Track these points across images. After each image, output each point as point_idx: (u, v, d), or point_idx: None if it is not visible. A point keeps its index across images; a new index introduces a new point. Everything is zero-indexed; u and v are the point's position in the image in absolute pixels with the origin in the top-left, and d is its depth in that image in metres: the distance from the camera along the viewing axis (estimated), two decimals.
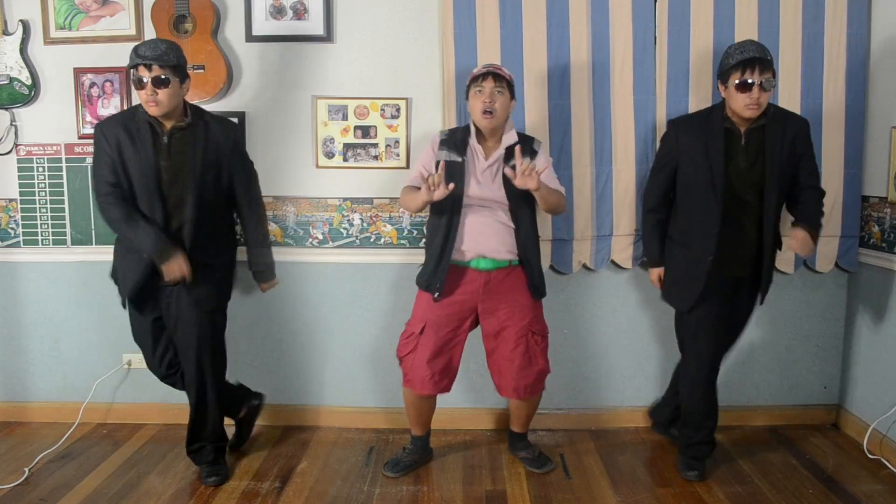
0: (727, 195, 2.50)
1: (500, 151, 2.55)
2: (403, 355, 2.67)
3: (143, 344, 2.71)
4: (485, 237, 2.54)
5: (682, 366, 2.79)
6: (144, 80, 2.38)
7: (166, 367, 2.71)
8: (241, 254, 2.77)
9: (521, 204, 2.55)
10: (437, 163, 2.52)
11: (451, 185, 2.39)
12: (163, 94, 2.40)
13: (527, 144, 2.59)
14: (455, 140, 2.58)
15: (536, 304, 2.66)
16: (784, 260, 2.97)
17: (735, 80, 2.41)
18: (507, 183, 2.50)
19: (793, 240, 2.47)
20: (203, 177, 2.51)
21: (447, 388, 2.69)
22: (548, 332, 2.69)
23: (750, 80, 2.38)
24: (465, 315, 2.62)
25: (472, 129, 2.57)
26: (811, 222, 2.51)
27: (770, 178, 2.49)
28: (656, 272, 2.80)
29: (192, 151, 2.50)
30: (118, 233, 2.56)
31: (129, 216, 2.47)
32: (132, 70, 2.41)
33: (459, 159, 2.54)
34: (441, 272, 2.55)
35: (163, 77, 2.38)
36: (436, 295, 2.56)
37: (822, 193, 2.62)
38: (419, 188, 2.46)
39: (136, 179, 2.48)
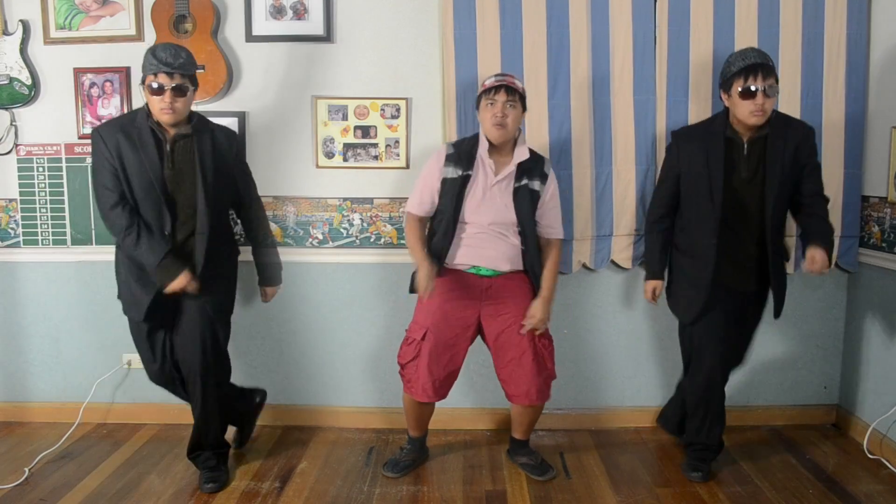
0: (728, 205, 2.47)
1: (511, 168, 2.54)
2: (406, 362, 2.62)
3: (144, 351, 2.65)
4: (483, 248, 2.54)
5: (687, 378, 2.75)
6: (164, 87, 2.34)
7: (167, 374, 2.66)
8: (243, 255, 2.78)
9: (529, 223, 2.56)
10: (433, 213, 2.57)
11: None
12: (181, 102, 2.38)
13: (538, 165, 2.58)
14: (461, 153, 2.56)
15: None
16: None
17: (738, 87, 2.39)
18: (518, 202, 2.52)
19: (810, 263, 2.40)
20: (214, 186, 2.48)
21: (445, 395, 2.67)
22: (552, 337, 2.68)
23: (753, 87, 2.36)
24: (468, 321, 2.59)
25: (483, 139, 2.55)
26: (824, 239, 2.43)
27: (771, 188, 2.44)
28: (652, 285, 2.74)
29: (200, 160, 2.45)
30: (124, 247, 2.47)
31: (134, 229, 2.41)
32: (151, 76, 2.35)
33: (464, 174, 2.52)
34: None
35: (183, 86, 2.37)
36: (437, 269, 2.52)
37: (827, 201, 2.57)
38: (422, 223, 2.64)
39: (139, 187, 2.42)
